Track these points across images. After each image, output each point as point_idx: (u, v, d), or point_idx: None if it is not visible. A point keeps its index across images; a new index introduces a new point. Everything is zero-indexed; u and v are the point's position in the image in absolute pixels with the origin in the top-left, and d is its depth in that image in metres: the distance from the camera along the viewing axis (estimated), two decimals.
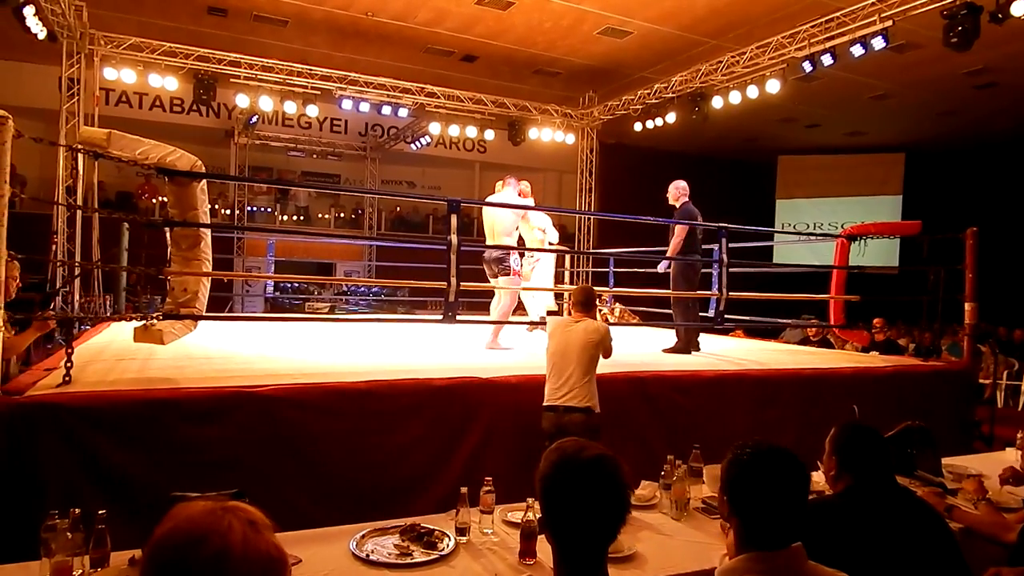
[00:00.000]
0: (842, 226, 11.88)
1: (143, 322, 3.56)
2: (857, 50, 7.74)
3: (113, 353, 4.59)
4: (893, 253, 14.22)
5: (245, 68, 9.93)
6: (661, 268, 6.13)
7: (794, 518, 1.57)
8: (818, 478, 2.85)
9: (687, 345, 5.83)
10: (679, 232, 5.84)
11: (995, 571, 2.07)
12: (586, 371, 3.49)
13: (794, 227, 15.74)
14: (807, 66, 8.34)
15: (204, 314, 3.88)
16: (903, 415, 3.46)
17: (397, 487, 3.40)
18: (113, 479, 2.83)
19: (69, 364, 3.19)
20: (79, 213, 8.74)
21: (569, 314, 4.49)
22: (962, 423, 5.41)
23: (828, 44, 8.08)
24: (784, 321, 8.43)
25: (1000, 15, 6.40)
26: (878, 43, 7.53)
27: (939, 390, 5.34)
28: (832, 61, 8.13)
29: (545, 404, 3.56)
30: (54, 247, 8.51)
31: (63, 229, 8.71)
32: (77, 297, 8.36)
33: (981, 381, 7.44)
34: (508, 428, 3.70)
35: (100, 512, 1.98)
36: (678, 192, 6.11)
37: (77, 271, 8.24)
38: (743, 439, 1.71)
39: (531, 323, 6.39)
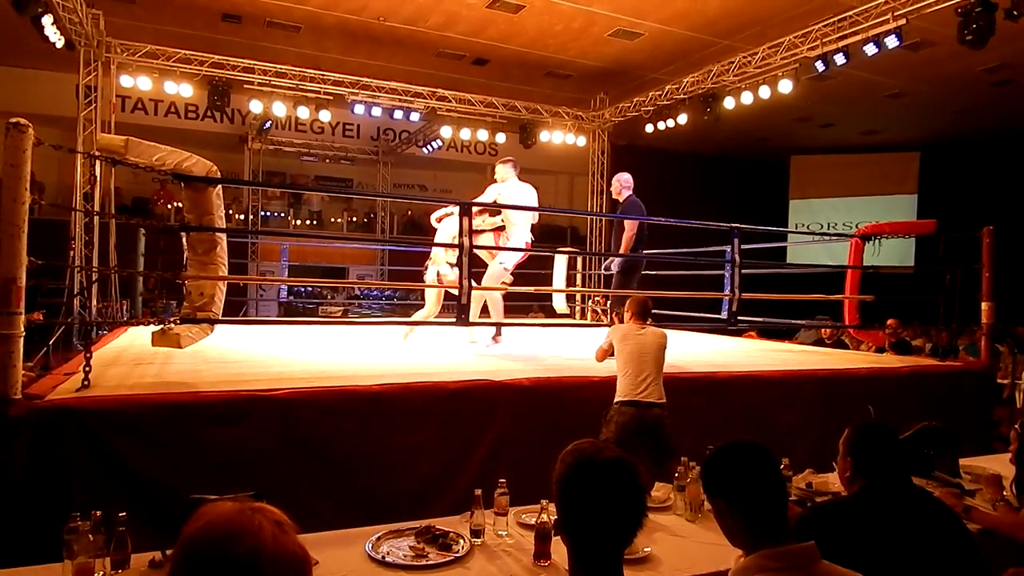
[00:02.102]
0: (857, 226, 11.79)
1: (160, 326, 3.61)
2: (870, 49, 7.67)
3: (131, 358, 4.65)
4: (909, 252, 14.08)
5: (259, 74, 10.03)
6: (615, 267, 6.03)
7: (781, 498, 1.65)
8: (834, 479, 2.84)
9: None
10: (631, 227, 5.77)
11: (1015, 571, 2.06)
12: (659, 372, 3.87)
13: (808, 227, 15.63)
14: (820, 65, 8.28)
15: (220, 318, 3.93)
16: (921, 416, 3.43)
17: (412, 489, 3.42)
18: (133, 481, 2.87)
19: (88, 368, 3.24)
20: (96, 219, 8.85)
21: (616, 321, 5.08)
22: (981, 423, 5.34)
23: (841, 43, 8.02)
24: (798, 322, 8.38)
25: (1015, 12, 6.32)
26: (891, 42, 7.46)
27: (957, 390, 5.28)
28: (845, 60, 8.06)
29: (624, 400, 3.77)
30: (72, 253, 8.63)
31: (80, 235, 8.82)
32: (95, 302, 8.46)
33: (999, 381, 7.36)
34: (522, 430, 3.71)
35: (121, 514, 2.01)
36: (620, 185, 5.97)
37: (95, 276, 8.34)
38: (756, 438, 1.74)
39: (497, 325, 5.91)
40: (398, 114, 11.05)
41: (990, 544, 2.36)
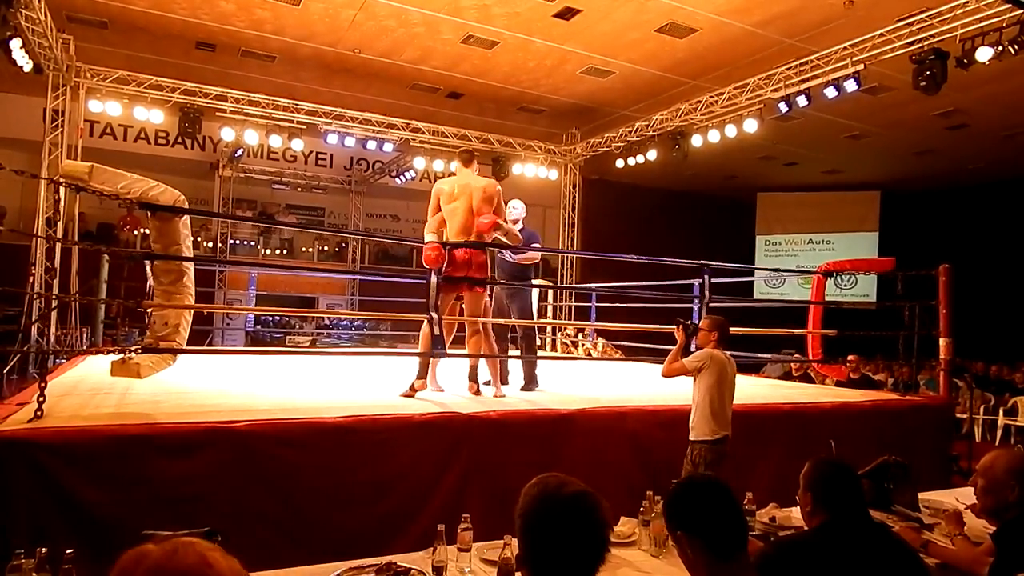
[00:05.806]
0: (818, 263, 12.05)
1: (120, 355, 3.52)
2: (831, 92, 7.96)
3: (88, 387, 4.52)
4: (871, 289, 14.44)
5: (231, 102, 10.00)
6: (508, 292, 5.64)
7: (741, 531, 1.73)
8: (797, 514, 2.86)
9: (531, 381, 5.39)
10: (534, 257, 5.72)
11: None
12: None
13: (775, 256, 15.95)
14: (783, 107, 8.56)
15: (183, 347, 3.84)
16: (882, 449, 3.48)
17: (375, 525, 3.35)
18: (84, 517, 2.77)
19: (42, 399, 3.14)
20: (59, 245, 8.66)
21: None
22: (940, 457, 5.45)
23: (803, 86, 8.31)
24: (764, 356, 8.50)
25: (966, 60, 6.63)
26: (850, 85, 7.76)
27: (917, 424, 5.38)
28: (807, 102, 8.35)
29: (715, 437, 3.64)
30: (32, 279, 8.40)
31: (41, 261, 8.61)
32: (53, 330, 8.23)
33: (958, 415, 7.51)
34: (488, 464, 3.68)
35: (68, 552, 1.94)
36: (518, 215, 5.59)
37: (54, 303, 8.13)
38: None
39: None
40: (371, 144, 11.09)
41: None
